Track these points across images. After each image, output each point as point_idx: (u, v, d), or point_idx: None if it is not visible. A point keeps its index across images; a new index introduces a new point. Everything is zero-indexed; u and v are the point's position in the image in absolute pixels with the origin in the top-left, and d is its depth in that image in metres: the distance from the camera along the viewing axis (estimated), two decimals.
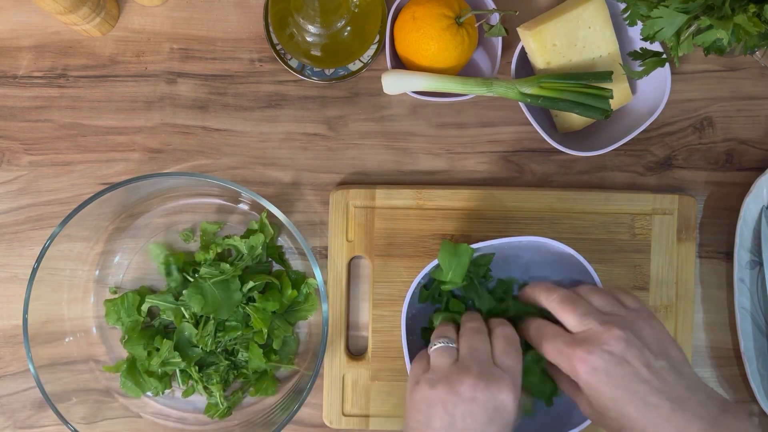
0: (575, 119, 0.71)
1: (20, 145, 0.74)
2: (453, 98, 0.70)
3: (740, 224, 0.71)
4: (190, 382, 0.72)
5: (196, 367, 0.71)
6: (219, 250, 0.71)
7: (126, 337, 0.71)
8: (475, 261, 0.67)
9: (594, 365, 0.52)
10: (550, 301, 0.58)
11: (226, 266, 0.70)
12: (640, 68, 0.65)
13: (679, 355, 0.54)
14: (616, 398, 0.52)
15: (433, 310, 0.71)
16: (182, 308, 0.71)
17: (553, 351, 0.56)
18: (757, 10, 0.55)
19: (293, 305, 0.72)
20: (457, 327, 0.61)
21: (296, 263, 0.74)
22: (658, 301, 0.72)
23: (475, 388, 0.52)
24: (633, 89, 0.73)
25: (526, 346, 0.66)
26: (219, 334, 0.70)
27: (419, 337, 0.70)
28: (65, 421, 0.65)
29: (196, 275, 0.70)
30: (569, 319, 0.56)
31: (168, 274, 0.72)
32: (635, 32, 0.70)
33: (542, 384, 0.68)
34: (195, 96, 0.74)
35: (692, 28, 0.58)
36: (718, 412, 0.51)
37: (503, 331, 0.58)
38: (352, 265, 0.73)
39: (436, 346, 0.58)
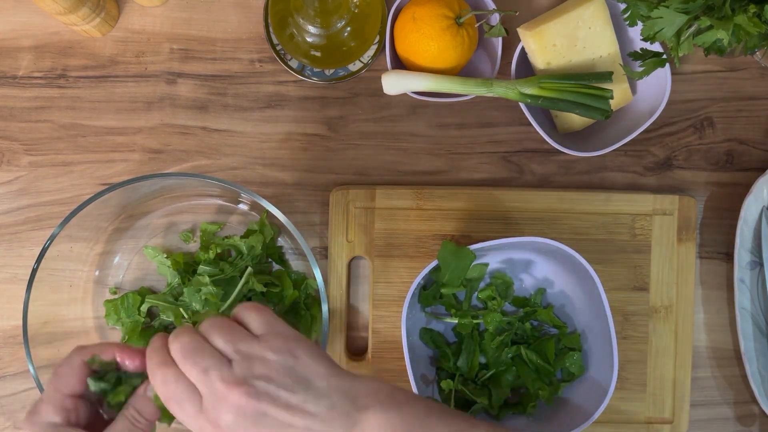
0: (575, 119, 0.71)
1: (20, 145, 0.74)
2: (453, 98, 0.70)
3: (740, 225, 0.71)
4: None
5: None
6: (219, 251, 0.71)
7: (126, 337, 0.71)
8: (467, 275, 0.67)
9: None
10: (174, 352, 0.47)
11: (226, 266, 0.70)
12: (641, 68, 0.65)
13: (308, 363, 0.48)
14: None
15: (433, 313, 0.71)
16: (182, 308, 0.70)
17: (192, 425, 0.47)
18: (757, 11, 0.55)
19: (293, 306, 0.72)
20: None
21: (296, 264, 0.74)
22: (659, 302, 0.72)
23: None
24: (633, 90, 0.73)
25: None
26: None
27: (419, 338, 0.70)
28: None
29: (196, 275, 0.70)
30: (194, 380, 0.47)
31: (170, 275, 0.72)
32: (635, 32, 0.70)
33: (536, 380, 0.68)
34: (195, 96, 0.74)
35: (692, 28, 0.58)
36: (355, 410, 0.47)
37: None
38: (352, 266, 0.73)
39: None
